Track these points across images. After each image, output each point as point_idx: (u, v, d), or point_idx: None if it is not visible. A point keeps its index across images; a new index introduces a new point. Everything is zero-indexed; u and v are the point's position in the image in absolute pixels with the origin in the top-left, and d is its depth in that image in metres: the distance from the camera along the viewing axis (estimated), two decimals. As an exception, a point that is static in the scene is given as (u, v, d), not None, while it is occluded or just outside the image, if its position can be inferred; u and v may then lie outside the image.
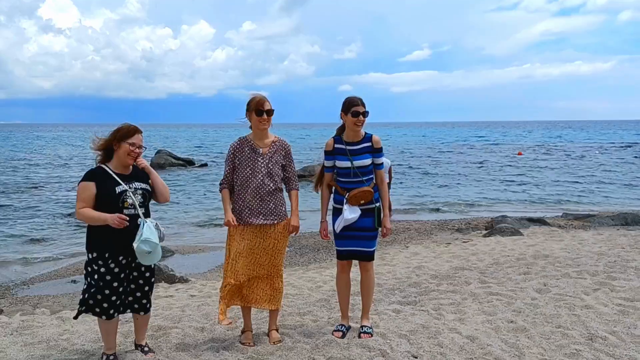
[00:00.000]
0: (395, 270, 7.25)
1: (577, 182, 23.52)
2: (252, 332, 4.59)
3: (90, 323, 5.33)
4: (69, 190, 21.15)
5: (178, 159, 32.03)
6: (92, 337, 4.76)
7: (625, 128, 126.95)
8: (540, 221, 11.91)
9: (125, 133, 3.94)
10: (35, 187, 22.04)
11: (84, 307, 3.95)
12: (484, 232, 10.95)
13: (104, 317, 3.96)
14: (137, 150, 3.96)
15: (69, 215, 14.87)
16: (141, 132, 4.02)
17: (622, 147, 50.64)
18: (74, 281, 8.43)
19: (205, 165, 32.95)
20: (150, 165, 4.26)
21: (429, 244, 9.90)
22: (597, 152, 44.35)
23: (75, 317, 4.07)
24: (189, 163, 32.26)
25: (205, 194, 19.73)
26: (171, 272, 7.67)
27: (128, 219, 3.79)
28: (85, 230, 4.06)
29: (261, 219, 4.34)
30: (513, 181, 23.86)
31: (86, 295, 3.92)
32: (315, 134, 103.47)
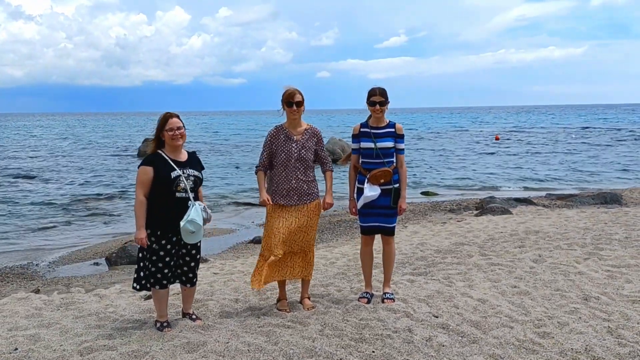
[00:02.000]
0: (400, 247, 7.80)
1: (553, 163, 24.51)
2: (287, 300, 5.10)
3: (129, 298, 5.76)
4: (66, 182, 21.28)
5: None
6: (136, 310, 5.19)
7: (595, 112, 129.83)
8: (527, 201, 12.64)
9: (162, 123, 4.44)
10: (28, 177, 22.03)
11: (149, 281, 4.43)
12: (475, 212, 11.60)
13: (157, 287, 4.44)
14: (178, 132, 4.42)
15: (68, 204, 15.14)
16: (176, 116, 4.47)
17: (589, 129, 52.73)
18: (97, 263, 8.85)
19: None
20: (138, 153, 4.74)
21: (426, 223, 10.52)
22: (572, 135, 45.75)
23: (146, 292, 4.53)
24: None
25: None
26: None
27: (149, 244, 4.35)
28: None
29: (295, 199, 4.84)
30: (490, 164, 24.70)
31: (147, 272, 4.41)
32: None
